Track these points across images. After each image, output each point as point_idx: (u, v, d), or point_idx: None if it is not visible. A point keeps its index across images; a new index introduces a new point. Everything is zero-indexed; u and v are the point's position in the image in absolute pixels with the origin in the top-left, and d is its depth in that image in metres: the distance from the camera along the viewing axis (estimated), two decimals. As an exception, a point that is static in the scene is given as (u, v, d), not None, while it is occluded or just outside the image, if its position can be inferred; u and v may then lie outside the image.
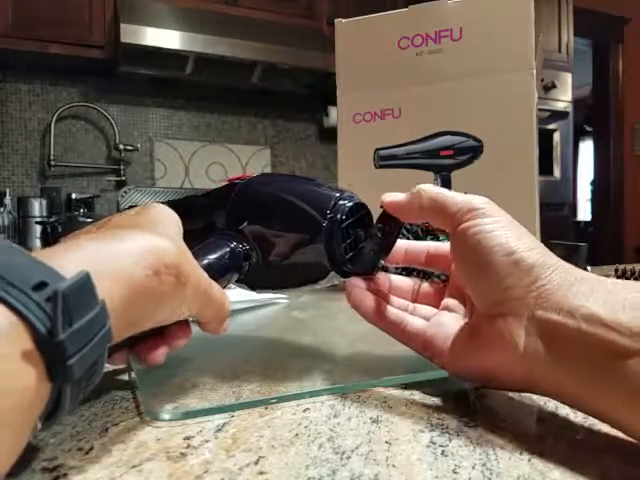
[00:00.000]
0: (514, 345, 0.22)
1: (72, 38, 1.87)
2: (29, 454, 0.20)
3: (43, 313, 0.16)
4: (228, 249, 0.30)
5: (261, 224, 0.31)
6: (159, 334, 0.26)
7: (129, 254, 0.21)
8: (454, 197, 0.26)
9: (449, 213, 0.26)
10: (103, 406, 0.26)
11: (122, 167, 2.18)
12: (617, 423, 0.20)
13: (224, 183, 0.35)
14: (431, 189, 0.27)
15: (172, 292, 0.22)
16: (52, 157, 2.04)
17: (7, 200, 1.88)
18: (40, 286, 0.17)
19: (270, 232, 0.31)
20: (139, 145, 2.22)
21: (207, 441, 0.22)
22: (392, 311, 0.29)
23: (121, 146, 2.15)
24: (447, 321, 0.28)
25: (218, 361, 0.33)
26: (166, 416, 0.24)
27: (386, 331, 0.30)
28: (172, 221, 0.26)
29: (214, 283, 0.27)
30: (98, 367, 0.19)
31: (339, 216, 0.29)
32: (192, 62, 2.01)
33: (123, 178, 2.18)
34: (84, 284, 0.17)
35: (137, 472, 0.19)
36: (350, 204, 0.30)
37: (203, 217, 0.34)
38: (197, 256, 0.26)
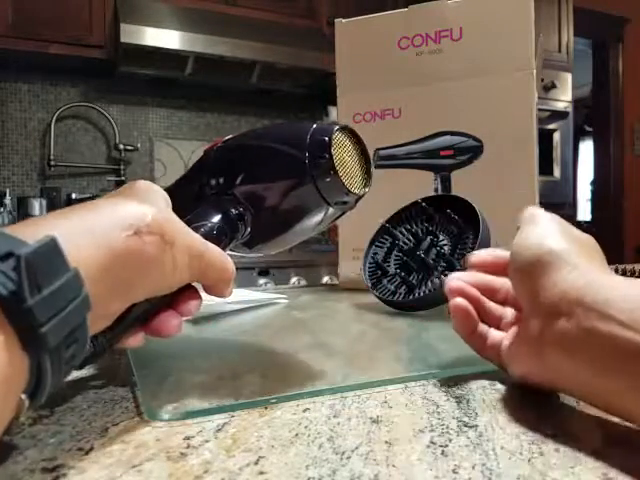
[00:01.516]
0: (532, 351, 0.24)
1: (72, 38, 1.87)
2: (29, 454, 0.20)
3: (10, 282, 0.15)
4: (220, 213, 0.29)
5: (246, 177, 0.30)
6: (168, 305, 0.25)
7: (106, 219, 0.20)
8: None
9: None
10: (103, 406, 0.26)
11: (122, 167, 2.18)
12: (629, 415, 0.21)
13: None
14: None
15: (158, 254, 0.22)
16: (52, 157, 2.04)
17: (7, 200, 1.88)
18: (6, 257, 0.16)
19: (257, 184, 0.30)
20: (139, 145, 2.22)
21: (207, 441, 0.22)
22: (480, 327, 0.29)
23: (121, 146, 2.15)
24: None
25: (218, 361, 0.33)
26: (166, 416, 0.24)
27: (470, 345, 0.30)
28: (157, 193, 0.25)
29: (211, 245, 0.25)
30: (79, 336, 0.18)
31: (318, 149, 0.28)
32: (192, 62, 2.01)
33: (123, 178, 2.18)
34: (51, 249, 0.17)
35: (137, 472, 0.19)
36: (326, 136, 0.28)
37: (191, 194, 0.33)
38: (189, 225, 0.25)
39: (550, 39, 2.80)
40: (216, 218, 0.29)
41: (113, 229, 0.20)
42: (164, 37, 1.89)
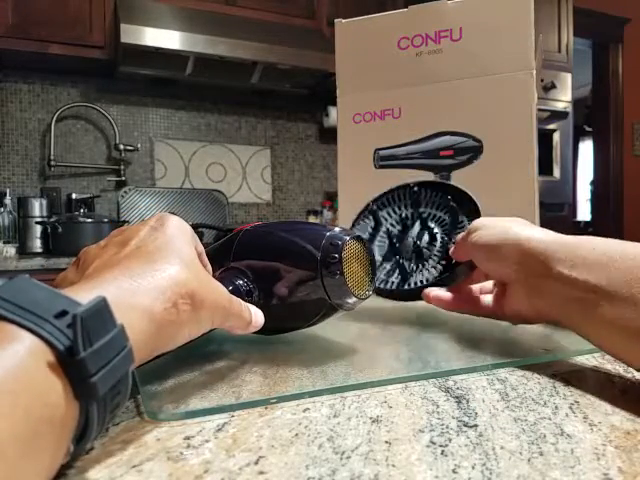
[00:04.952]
0: (522, 299, 0.35)
1: (72, 38, 1.87)
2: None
3: (65, 337, 0.17)
4: (231, 285, 0.33)
5: (264, 261, 0.34)
6: None
7: (149, 290, 0.22)
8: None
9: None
10: (103, 406, 0.26)
11: (122, 167, 2.18)
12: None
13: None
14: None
15: (189, 318, 0.24)
16: (52, 157, 2.04)
17: (7, 200, 1.88)
18: (61, 314, 0.18)
19: (272, 269, 0.33)
20: (139, 145, 2.21)
21: (207, 441, 0.22)
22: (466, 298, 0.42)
23: (121, 146, 2.15)
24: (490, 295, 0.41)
25: (218, 361, 0.33)
26: (166, 416, 0.24)
27: (466, 312, 0.41)
28: (187, 235, 0.28)
29: (234, 298, 0.28)
30: (122, 388, 0.19)
31: (331, 250, 0.32)
32: (192, 62, 2.01)
33: (123, 178, 2.18)
34: (101, 308, 0.19)
35: (137, 472, 0.19)
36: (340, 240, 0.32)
37: (216, 263, 0.37)
38: None
39: (550, 39, 2.80)
40: (227, 287, 0.32)
41: (155, 301, 0.22)
42: (164, 37, 1.89)
